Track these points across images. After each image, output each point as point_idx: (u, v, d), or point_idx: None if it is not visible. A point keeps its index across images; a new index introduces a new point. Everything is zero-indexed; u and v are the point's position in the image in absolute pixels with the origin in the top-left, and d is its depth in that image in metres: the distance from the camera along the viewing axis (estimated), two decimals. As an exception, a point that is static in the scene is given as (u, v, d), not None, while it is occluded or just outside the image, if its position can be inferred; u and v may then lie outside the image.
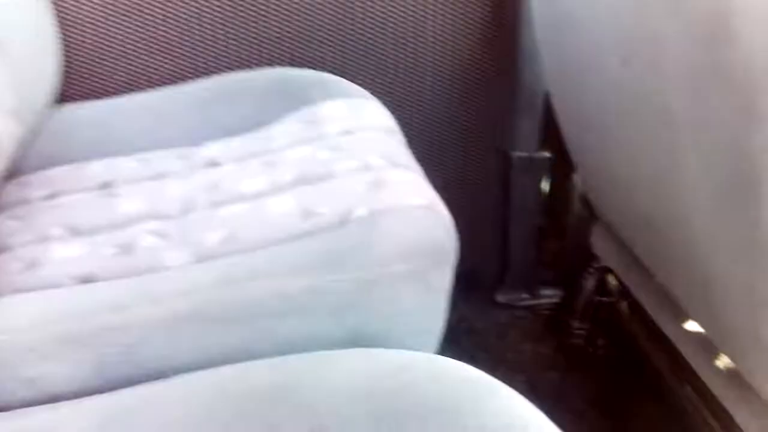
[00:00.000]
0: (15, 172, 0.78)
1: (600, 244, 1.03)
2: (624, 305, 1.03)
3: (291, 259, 0.59)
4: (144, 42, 0.90)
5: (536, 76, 1.03)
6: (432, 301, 0.61)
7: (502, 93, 1.06)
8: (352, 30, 0.97)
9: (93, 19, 0.88)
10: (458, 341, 0.97)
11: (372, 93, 0.95)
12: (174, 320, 0.54)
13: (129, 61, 0.91)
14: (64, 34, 0.86)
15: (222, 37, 0.93)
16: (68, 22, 0.87)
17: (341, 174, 0.72)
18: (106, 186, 0.75)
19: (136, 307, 0.54)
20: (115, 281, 0.60)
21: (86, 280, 0.61)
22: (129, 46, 0.90)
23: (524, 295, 1.18)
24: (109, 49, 0.90)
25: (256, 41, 0.94)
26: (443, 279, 0.62)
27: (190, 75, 0.93)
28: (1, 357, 0.53)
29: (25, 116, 0.76)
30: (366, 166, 0.73)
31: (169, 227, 0.68)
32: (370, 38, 0.98)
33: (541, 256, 1.16)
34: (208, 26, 0.91)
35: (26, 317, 0.55)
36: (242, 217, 0.68)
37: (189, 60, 0.93)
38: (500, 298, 1.17)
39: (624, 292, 1.00)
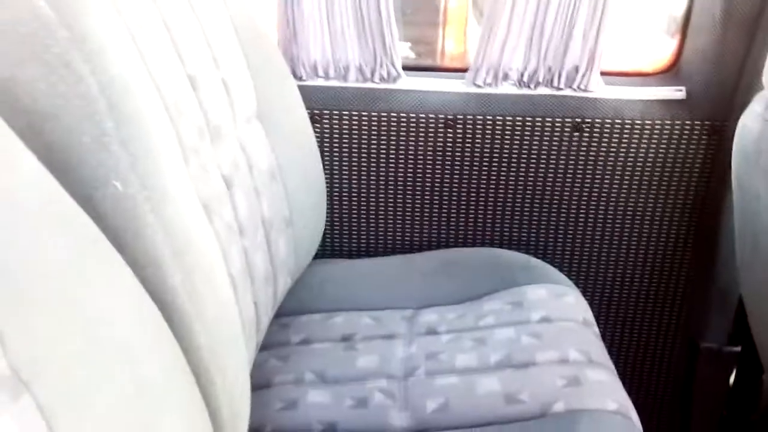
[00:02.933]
0: (276, 313, 0.98)
1: (786, 449, 1.02)
2: None
3: (498, 446, 0.71)
4: (384, 217, 1.11)
5: (733, 273, 1.08)
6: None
7: (697, 287, 1.12)
8: (559, 221, 1.10)
9: (351, 196, 1.10)
10: None
11: (570, 275, 1.07)
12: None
13: (371, 229, 1.11)
14: (328, 206, 1.09)
15: (445, 217, 1.10)
16: (335, 197, 1.09)
17: (541, 363, 0.83)
18: (346, 338, 0.92)
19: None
20: (355, 435, 0.75)
21: (330, 428, 0.78)
22: (372, 217, 1.11)
23: (700, 485, 1.17)
24: (359, 218, 1.11)
25: (472, 221, 1.10)
26: (629, 487, 0.70)
27: (416, 247, 1.11)
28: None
29: (297, 272, 0.97)
30: (564, 360, 0.84)
31: (394, 388, 0.83)
32: (572, 225, 1.10)
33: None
34: (436, 208, 1.10)
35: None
36: (454, 390, 0.81)
37: (418, 233, 1.11)
38: (674, 482, 1.18)
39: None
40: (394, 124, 1.05)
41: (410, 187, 1.09)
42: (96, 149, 0.53)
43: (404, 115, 1.04)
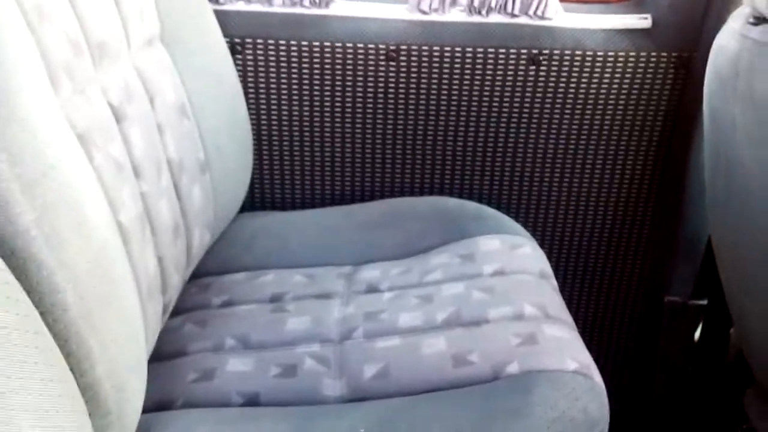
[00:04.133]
0: (196, 273, 0.86)
1: (753, 405, 0.96)
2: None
3: (444, 418, 0.61)
4: (320, 164, 0.99)
5: (700, 221, 1.01)
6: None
7: (661, 235, 1.04)
8: (514, 165, 1.00)
9: (281, 140, 0.98)
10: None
11: (526, 225, 0.97)
12: (331, 464, 0.58)
13: (306, 178, 1.00)
14: (256, 151, 0.96)
15: (389, 162, 0.99)
16: (263, 140, 0.97)
17: (494, 320, 0.74)
18: (276, 299, 0.81)
19: (299, 446, 0.59)
20: (279, 409, 0.65)
21: (251, 400, 0.67)
22: (307, 164, 0.99)
23: (663, 444, 1.12)
24: (291, 164, 0.99)
25: (419, 167, 1.00)
26: (592, 455, 0.62)
27: (358, 197, 1.00)
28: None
29: (218, 226, 0.85)
30: (519, 315, 0.74)
31: (328, 353, 0.72)
32: (529, 170, 1.00)
33: (686, 406, 1.10)
34: (379, 152, 0.99)
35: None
36: (396, 353, 0.71)
37: (359, 181, 1.00)
38: (638, 444, 1.12)
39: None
40: (328, 55, 0.93)
41: (348, 128, 0.97)
42: None
43: (339, 45, 0.92)
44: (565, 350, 0.69)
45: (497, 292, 0.78)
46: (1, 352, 0.40)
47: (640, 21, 0.95)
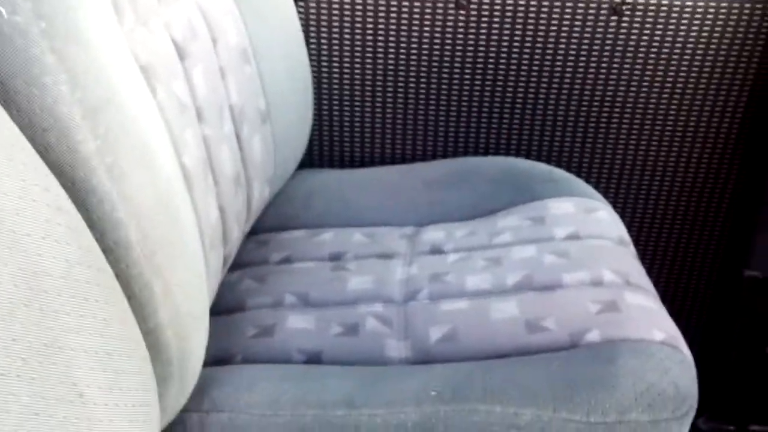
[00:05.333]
0: (254, 229, 0.83)
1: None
2: None
3: (521, 383, 0.57)
4: (382, 120, 0.95)
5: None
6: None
7: (743, 204, 0.97)
8: (587, 124, 0.94)
9: (342, 93, 0.93)
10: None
11: (598, 188, 0.91)
12: (401, 427, 0.54)
13: (366, 134, 0.95)
14: (316, 104, 0.92)
15: (454, 119, 0.94)
16: (324, 93, 0.93)
17: (569, 285, 0.69)
18: (335, 258, 0.78)
19: (366, 408, 0.55)
20: (344, 369, 0.61)
21: (313, 357, 0.64)
22: (368, 119, 0.95)
23: (730, 427, 1.05)
24: (352, 119, 0.95)
25: (485, 124, 0.95)
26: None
27: (419, 155, 0.96)
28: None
29: (278, 181, 0.82)
30: (597, 281, 0.69)
31: (391, 313, 0.69)
32: (603, 134, 0.94)
33: (760, 387, 1.04)
34: (443, 108, 0.94)
35: (262, 397, 0.57)
36: (463, 316, 0.67)
37: (421, 139, 0.96)
38: (703, 425, 1.06)
39: None
40: (394, 3, 0.88)
41: (413, 82, 0.92)
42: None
43: (406, -8, 0.87)
44: (651, 320, 0.64)
45: (572, 257, 0.73)
46: (63, 288, 0.37)
47: (734, -30, 0.88)
